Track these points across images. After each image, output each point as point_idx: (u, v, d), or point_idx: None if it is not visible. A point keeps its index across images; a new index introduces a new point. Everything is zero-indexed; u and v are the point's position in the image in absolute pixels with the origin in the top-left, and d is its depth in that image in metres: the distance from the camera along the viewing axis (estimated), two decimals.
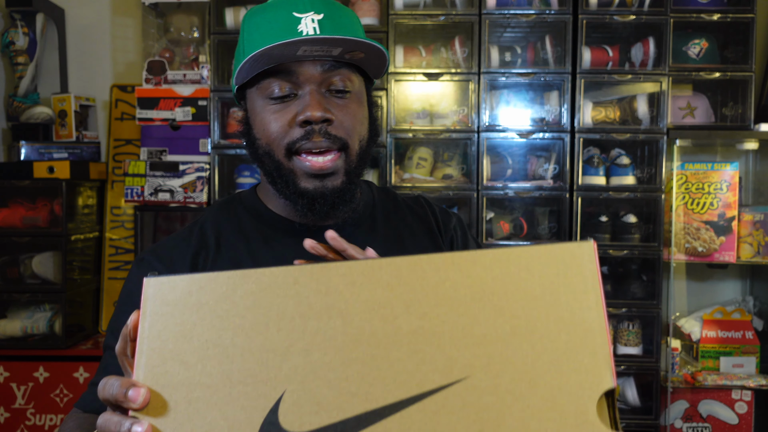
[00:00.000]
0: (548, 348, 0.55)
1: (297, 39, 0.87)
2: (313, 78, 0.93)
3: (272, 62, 0.92)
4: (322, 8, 0.93)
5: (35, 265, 2.67)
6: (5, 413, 2.58)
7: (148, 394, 0.59)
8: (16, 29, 2.78)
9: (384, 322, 0.58)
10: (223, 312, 0.60)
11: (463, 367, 0.55)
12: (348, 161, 0.95)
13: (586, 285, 0.57)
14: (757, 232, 2.51)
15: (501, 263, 0.58)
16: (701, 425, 2.52)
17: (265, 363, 0.58)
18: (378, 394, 0.55)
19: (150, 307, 0.62)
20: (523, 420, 0.53)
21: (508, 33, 2.61)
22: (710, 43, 2.52)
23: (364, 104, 0.99)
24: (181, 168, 2.53)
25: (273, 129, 0.94)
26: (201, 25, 2.71)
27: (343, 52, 0.92)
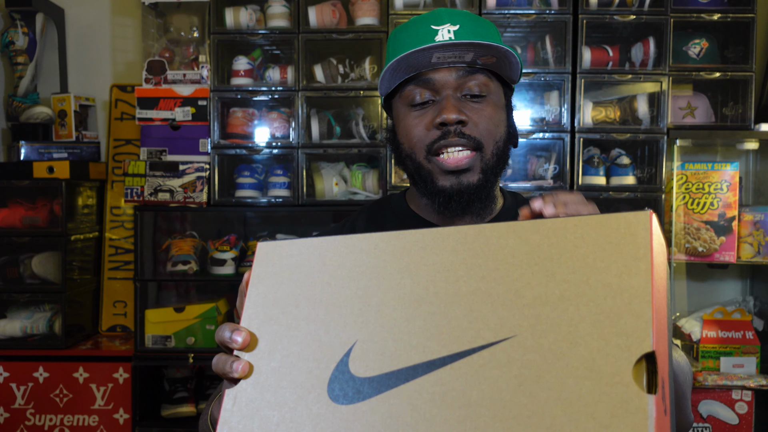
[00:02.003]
0: (593, 311, 0.57)
1: (429, 45, 0.94)
2: (449, 84, 1.00)
3: (410, 71, 0.99)
4: (459, 20, 1.00)
5: (35, 265, 2.67)
6: (5, 413, 2.58)
7: (248, 337, 0.71)
8: (16, 29, 2.78)
9: (447, 283, 0.64)
10: (315, 271, 0.71)
11: (512, 326, 0.59)
12: (484, 160, 1.00)
13: (638, 252, 0.58)
14: (757, 232, 2.51)
15: (558, 231, 0.62)
16: (701, 425, 2.52)
17: (344, 315, 0.67)
18: (434, 347, 0.61)
19: (258, 266, 0.74)
20: (560, 377, 0.55)
21: (508, 33, 2.60)
22: (710, 43, 2.52)
23: (501, 108, 1.04)
24: (181, 168, 2.53)
25: (414, 132, 1.01)
26: (201, 25, 2.70)
27: (475, 57, 0.97)
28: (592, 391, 0.54)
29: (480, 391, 0.57)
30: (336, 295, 0.68)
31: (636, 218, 0.60)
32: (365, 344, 0.64)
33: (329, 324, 0.67)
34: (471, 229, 0.66)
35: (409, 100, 1.01)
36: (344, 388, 0.63)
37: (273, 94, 2.55)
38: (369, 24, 2.51)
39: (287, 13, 2.54)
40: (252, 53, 2.63)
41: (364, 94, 2.51)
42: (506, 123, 1.05)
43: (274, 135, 2.60)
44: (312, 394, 0.64)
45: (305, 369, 0.66)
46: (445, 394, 0.59)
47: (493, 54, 0.97)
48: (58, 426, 2.58)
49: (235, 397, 0.68)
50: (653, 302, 0.56)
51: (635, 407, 0.52)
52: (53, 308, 2.69)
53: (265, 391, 0.67)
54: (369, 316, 0.65)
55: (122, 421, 2.58)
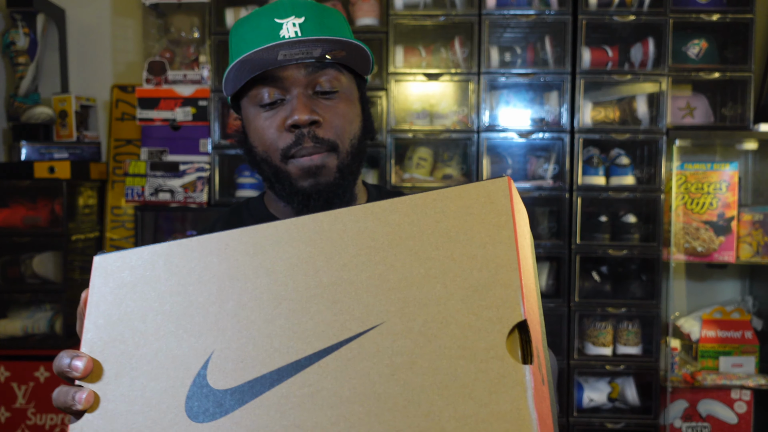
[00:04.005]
0: (460, 286, 0.55)
1: (274, 43, 0.89)
2: (299, 81, 0.94)
3: (257, 69, 0.93)
4: (304, 11, 0.94)
5: (36, 265, 2.68)
6: (6, 413, 2.59)
7: (90, 363, 0.63)
8: (17, 30, 2.78)
9: (306, 276, 0.60)
10: (161, 280, 0.64)
11: (379, 313, 0.56)
12: (339, 159, 0.96)
13: (500, 220, 0.56)
14: (756, 232, 2.51)
15: (417, 208, 0.59)
16: (701, 425, 2.52)
17: (197, 324, 0.61)
18: (298, 346, 0.57)
19: (97, 283, 0.66)
20: (434, 360, 0.53)
21: (508, 33, 2.61)
22: (710, 44, 2.53)
23: (355, 102, 1.00)
24: (182, 168, 2.54)
25: (267, 135, 0.96)
26: (201, 26, 2.71)
27: (324, 52, 0.92)
28: (467, 370, 0.52)
29: (351, 387, 0.54)
30: (187, 303, 0.62)
31: (494, 185, 0.58)
32: (223, 353, 0.59)
33: (182, 336, 0.61)
34: (326, 216, 0.61)
35: (257, 101, 0.96)
36: (204, 404, 0.58)
37: None
38: (369, 24, 2.51)
39: None
40: None
41: None
42: (361, 117, 1.01)
43: None
44: (168, 415, 0.59)
45: (159, 389, 0.60)
46: (314, 395, 0.55)
47: (342, 48, 0.93)
48: (59, 425, 2.59)
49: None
50: (520, 270, 0.54)
51: (512, 381, 0.51)
52: (54, 308, 2.70)
53: (115, 420, 0.60)
54: (225, 323, 0.60)
55: None
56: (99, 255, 0.68)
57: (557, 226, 2.55)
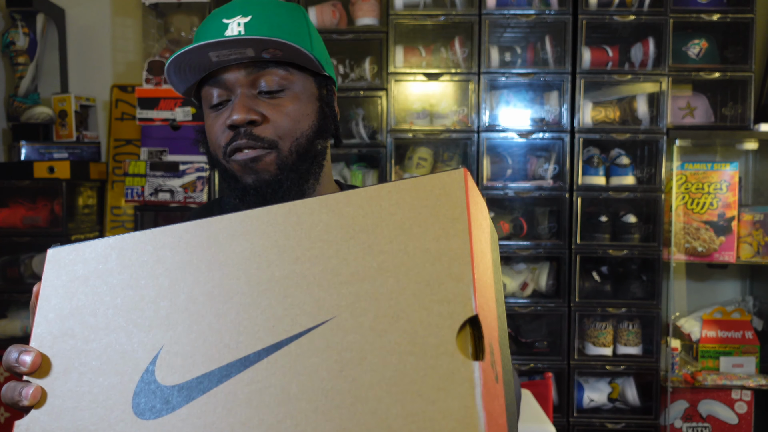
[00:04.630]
0: (413, 280, 0.54)
1: (202, 43, 0.88)
2: (239, 81, 0.94)
3: (199, 71, 0.94)
4: (252, 10, 0.93)
5: (35, 265, 2.68)
6: (5, 413, 2.59)
7: (39, 358, 0.63)
8: (17, 29, 2.78)
9: (259, 270, 0.59)
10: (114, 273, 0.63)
11: (330, 307, 0.55)
12: (280, 157, 0.95)
13: (454, 213, 0.55)
14: (756, 232, 2.51)
15: (372, 200, 0.58)
16: (701, 425, 2.52)
17: (147, 319, 0.60)
18: (248, 342, 0.56)
19: (49, 276, 0.65)
20: (383, 356, 0.52)
21: (508, 33, 2.61)
22: (710, 43, 2.52)
23: (307, 100, 0.98)
24: (182, 168, 2.54)
25: (212, 134, 0.97)
26: None
27: (257, 52, 0.91)
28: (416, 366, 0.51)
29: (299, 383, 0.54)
30: (138, 297, 0.61)
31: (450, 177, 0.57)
32: (173, 348, 0.58)
33: (132, 331, 0.60)
34: (281, 208, 0.60)
35: (208, 101, 0.97)
36: (151, 401, 0.57)
37: None
38: (369, 24, 2.51)
39: None
40: None
41: (364, 94, 2.52)
42: (315, 115, 0.98)
43: None
44: (115, 412, 0.58)
45: (107, 385, 0.59)
46: (261, 391, 0.54)
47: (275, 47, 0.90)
48: None
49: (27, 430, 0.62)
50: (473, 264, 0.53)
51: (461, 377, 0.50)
52: None
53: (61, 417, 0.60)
54: (176, 317, 0.59)
55: None
56: (53, 248, 0.67)
57: (557, 226, 2.55)
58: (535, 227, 2.59)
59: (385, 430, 0.50)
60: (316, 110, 0.98)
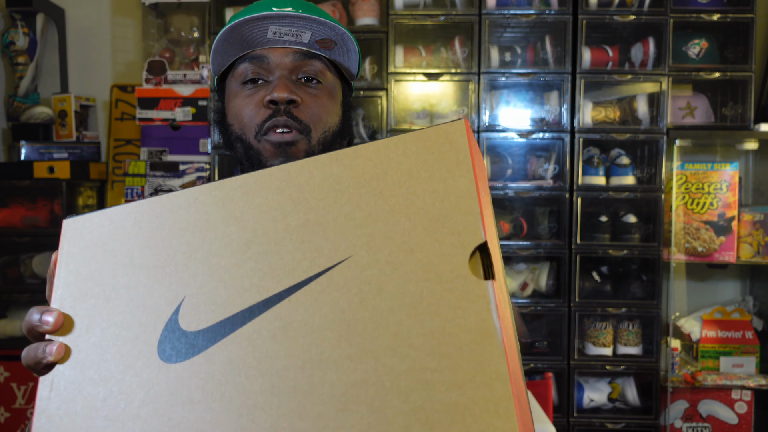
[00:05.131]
0: (424, 218, 0.58)
1: (265, 14, 0.90)
2: (284, 65, 0.96)
3: (245, 46, 0.95)
4: (301, 5, 0.96)
5: (35, 265, 2.67)
6: (5, 413, 2.59)
7: (61, 317, 0.65)
8: (17, 29, 2.78)
9: (274, 221, 0.62)
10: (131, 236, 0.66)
11: (347, 248, 0.59)
12: (310, 145, 0.97)
13: (458, 157, 0.60)
14: (756, 232, 2.51)
15: (380, 152, 0.62)
16: (701, 425, 2.52)
17: (168, 274, 0.63)
18: (268, 285, 0.60)
19: (66, 244, 0.68)
20: (400, 285, 0.56)
21: (508, 33, 2.61)
22: (710, 43, 2.52)
23: (337, 100, 1.00)
24: (181, 168, 2.54)
25: (244, 112, 0.97)
26: (201, 26, 2.71)
27: (313, 37, 0.94)
28: (432, 290, 0.55)
29: (321, 316, 0.57)
30: (157, 256, 0.64)
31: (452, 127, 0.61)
32: (195, 298, 0.61)
33: (153, 286, 0.63)
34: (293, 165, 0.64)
35: (241, 78, 0.97)
36: (176, 346, 0.60)
37: None
38: (369, 24, 2.51)
39: None
40: None
41: (364, 94, 2.52)
42: (340, 119, 1.01)
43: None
44: (140, 360, 0.61)
45: (131, 337, 0.62)
46: (285, 327, 0.58)
47: (332, 36, 0.94)
48: None
49: (52, 383, 0.63)
50: (479, 198, 0.57)
51: (476, 295, 0.54)
52: None
53: (87, 368, 0.62)
54: (196, 270, 0.62)
55: None
56: (69, 218, 0.69)
57: (557, 226, 2.55)
58: (535, 227, 2.59)
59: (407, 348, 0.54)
60: (340, 112, 1.02)
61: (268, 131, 0.95)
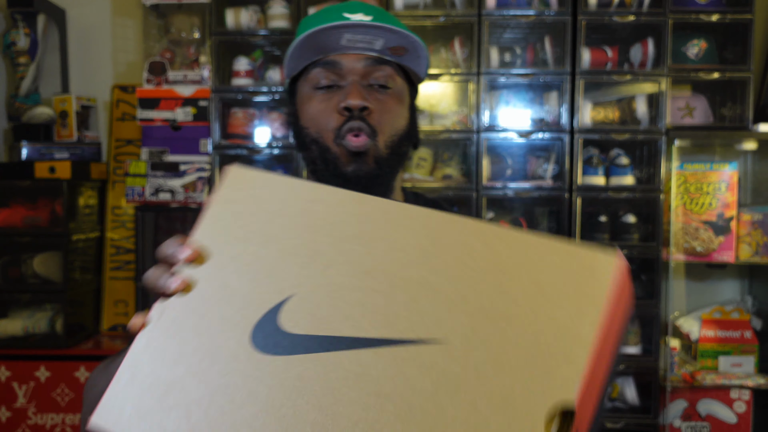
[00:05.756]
0: (530, 341, 0.54)
1: (340, 23, 0.94)
2: (356, 71, 0.99)
3: (318, 52, 0.99)
4: (373, 12, 0.99)
5: (36, 264, 2.68)
6: (6, 412, 2.59)
7: (196, 254, 0.68)
8: (18, 30, 2.79)
9: (398, 263, 0.61)
10: (277, 210, 0.68)
11: (447, 330, 0.57)
12: (378, 150, 1.00)
13: (594, 296, 0.54)
14: (755, 232, 2.52)
15: (522, 246, 0.58)
16: (700, 424, 2.52)
17: (290, 264, 0.65)
18: (365, 325, 0.60)
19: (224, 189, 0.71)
20: (475, 399, 0.54)
21: (508, 34, 2.61)
22: (709, 44, 2.53)
23: (405, 105, 1.05)
24: (182, 168, 2.54)
25: (321, 116, 1.00)
26: (201, 26, 2.71)
27: (386, 45, 0.97)
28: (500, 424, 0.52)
29: (393, 385, 0.56)
30: (289, 241, 0.65)
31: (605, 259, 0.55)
32: (301, 300, 0.62)
33: (273, 269, 0.65)
34: (439, 215, 0.62)
35: (314, 83, 1.01)
36: (267, 338, 0.62)
37: (273, 94, 2.56)
38: None
39: (288, 13, 2.55)
40: (252, 54, 2.64)
41: None
42: (407, 121, 1.05)
43: (275, 135, 2.61)
44: (235, 333, 0.63)
45: (237, 306, 0.64)
46: (359, 376, 0.57)
47: (403, 44, 0.97)
48: (59, 425, 2.59)
49: (163, 312, 0.66)
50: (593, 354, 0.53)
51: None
52: (54, 308, 2.70)
53: (193, 314, 0.65)
54: (313, 272, 0.63)
55: None
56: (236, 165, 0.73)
57: (557, 226, 2.55)
58: (534, 227, 2.59)
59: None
60: (408, 116, 1.06)
61: (344, 136, 0.98)
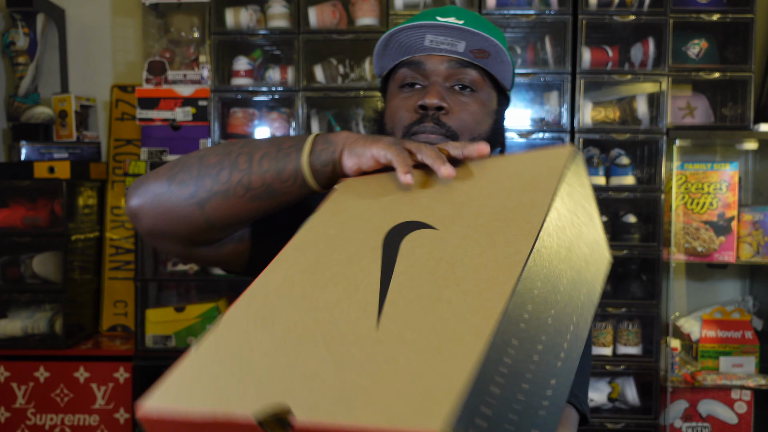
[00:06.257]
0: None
1: (422, 23, 0.96)
2: (439, 72, 1.00)
3: (403, 52, 1.01)
4: (465, 16, 1.00)
5: (36, 265, 2.68)
6: (6, 413, 2.59)
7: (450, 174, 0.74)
8: (17, 29, 2.78)
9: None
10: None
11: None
12: None
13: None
14: (756, 232, 2.51)
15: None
16: (701, 425, 2.52)
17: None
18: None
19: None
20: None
21: (508, 33, 2.61)
22: (710, 44, 2.52)
23: (489, 110, 1.04)
24: None
25: (398, 113, 1.02)
26: (201, 26, 2.71)
27: (468, 47, 0.98)
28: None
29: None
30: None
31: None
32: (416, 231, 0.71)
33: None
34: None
35: (399, 82, 1.03)
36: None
37: (273, 94, 2.56)
38: (369, 24, 2.51)
39: (287, 13, 2.54)
40: (252, 53, 2.64)
41: (364, 94, 2.52)
42: (491, 127, 1.05)
43: (275, 135, 2.61)
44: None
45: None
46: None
47: (485, 47, 0.97)
48: (58, 425, 2.59)
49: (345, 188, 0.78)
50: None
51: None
52: (54, 308, 2.70)
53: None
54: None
55: (123, 420, 2.59)
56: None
57: None
58: None
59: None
60: (492, 122, 1.05)
61: (413, 135, 0.99)
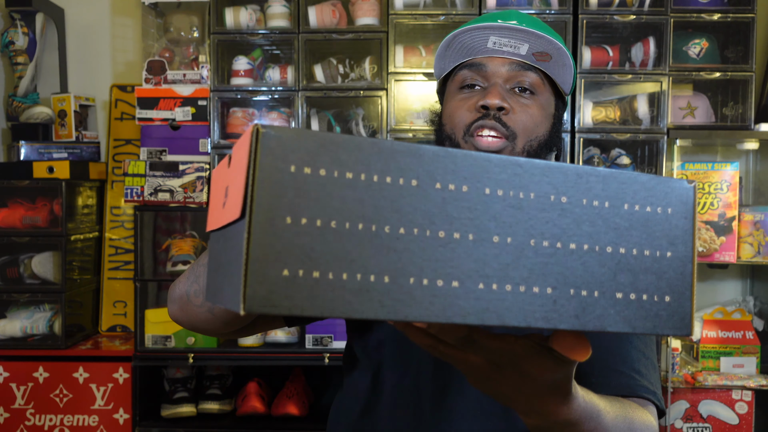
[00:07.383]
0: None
1: (486, 24, 0.96)
2: (500, 74, 1.01)
3: (465, 53, 1.02)
4: (527, 19, 1.01)
5: (35, 265, 2.67)
6: (5, 413, 2.58)
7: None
8: (16, 29, 2.78)
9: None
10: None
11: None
12: (514, 152, 1.00)
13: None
14: (757, 232, 2.51)
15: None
16: (701, 425, 2.52)
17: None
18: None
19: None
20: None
21: None
22: (710, 43, 2.52)
23: (547, 112, 1.05)
24: (181, 168, 2.53)
25: (457, 113, 1.02)
26: (201, 25, 2.70)
27: (531, 50, 0.99)
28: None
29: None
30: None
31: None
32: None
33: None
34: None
35: (458, 83, 1.04)
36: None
37: (273, 94, 2.55)
38: (369, 24, 2.51)
39: (287, 13, 2.54)
40: (252, 53, 2.63)
41: (364, 94, 2.51)
42: (549, 131, 1.05)
43: None
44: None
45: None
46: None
47: (548, 50, 0.98)
48: (58, 426, 2.58)
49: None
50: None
51: None
52: (53, 308, 2.69)
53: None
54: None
55: (122, 421, 2.58)
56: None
57: None
58: None
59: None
60: (550, 125, 1.06)
61: (473, 133, 0.99)
